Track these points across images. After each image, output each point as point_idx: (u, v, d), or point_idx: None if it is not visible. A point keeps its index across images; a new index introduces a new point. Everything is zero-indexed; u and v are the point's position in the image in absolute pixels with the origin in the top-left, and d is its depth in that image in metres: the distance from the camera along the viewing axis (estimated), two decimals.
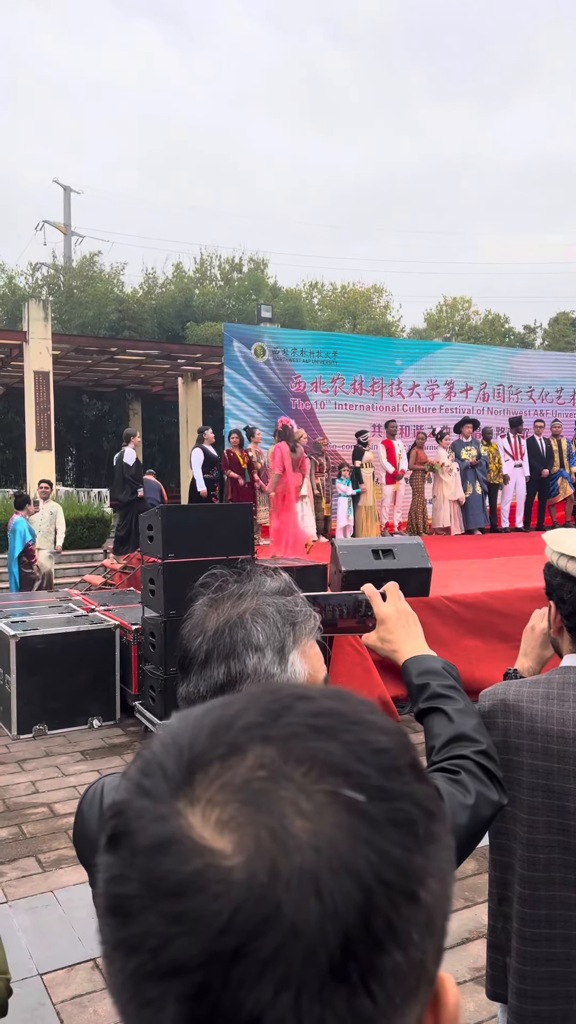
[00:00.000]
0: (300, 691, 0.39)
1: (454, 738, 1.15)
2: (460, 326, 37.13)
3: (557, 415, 15.20)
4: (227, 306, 27.34)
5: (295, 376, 13.95)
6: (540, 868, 1.31)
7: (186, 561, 5.06)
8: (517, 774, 1.33)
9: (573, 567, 1.29)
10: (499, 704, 1.37)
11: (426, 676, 1.23)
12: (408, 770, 0.37)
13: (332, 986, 0.31)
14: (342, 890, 0.31)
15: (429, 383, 15.12)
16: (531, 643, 1.57)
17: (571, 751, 1.29)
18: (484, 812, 1.08)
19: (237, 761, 0.35)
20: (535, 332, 36.98)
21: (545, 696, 1.33)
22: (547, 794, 1.31)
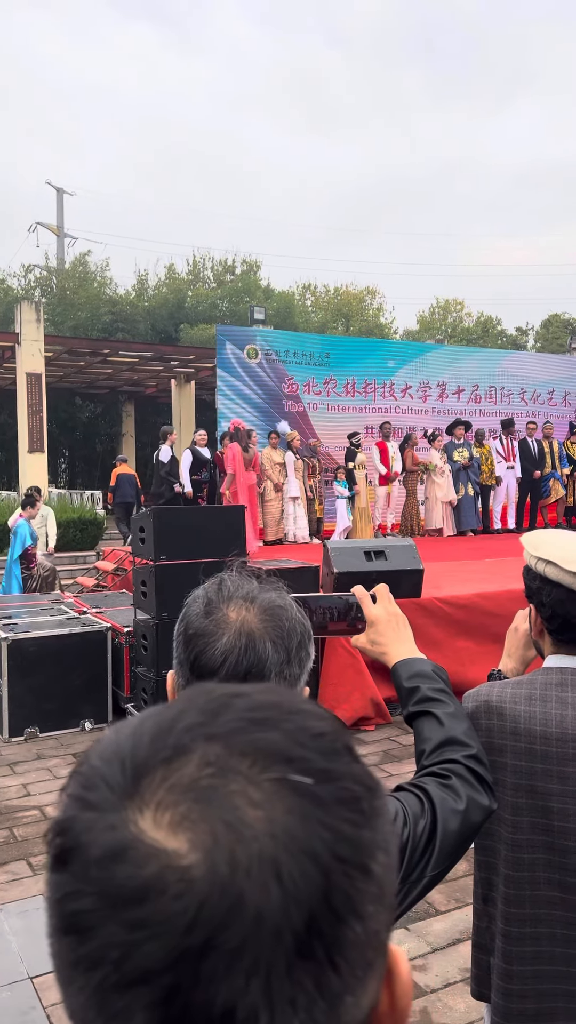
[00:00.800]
0: (234, 689, 0.40)
1: (444, 742, 1.15)
2: (453, 328, 37.22)
3: (549, 417, 15.25)
4: (220, 308, 27.35)
5: (288, 378, 13.96)
6: (524, 868, 1.32)
7: (178, 563, 5.06)
8: (501, 775, 1.34)
9: (552, 571, 1.30)
10: (482, 705, 1.38)
11: (416, 679, 1.23)
12: (345, 751, 0.38)
13: (300, 965, 0.32)
14: (301, 871, 0.32)
15: (421, 385, 15.15)
16: (514, 644, 1.58)
17: (553, 751, 1.30)
18: (475, 817, 1.08)
19: (183, 762, 0.35)
20: (527, 334, 37.09)
21: (528, 697, 1.34)
22: (530, 795, 1.32)
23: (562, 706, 1.31)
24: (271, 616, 1.04)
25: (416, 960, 2.75)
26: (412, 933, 2.91)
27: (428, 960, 2.74)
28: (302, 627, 1.07)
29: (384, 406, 14.64)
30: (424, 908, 3.08)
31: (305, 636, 1.06)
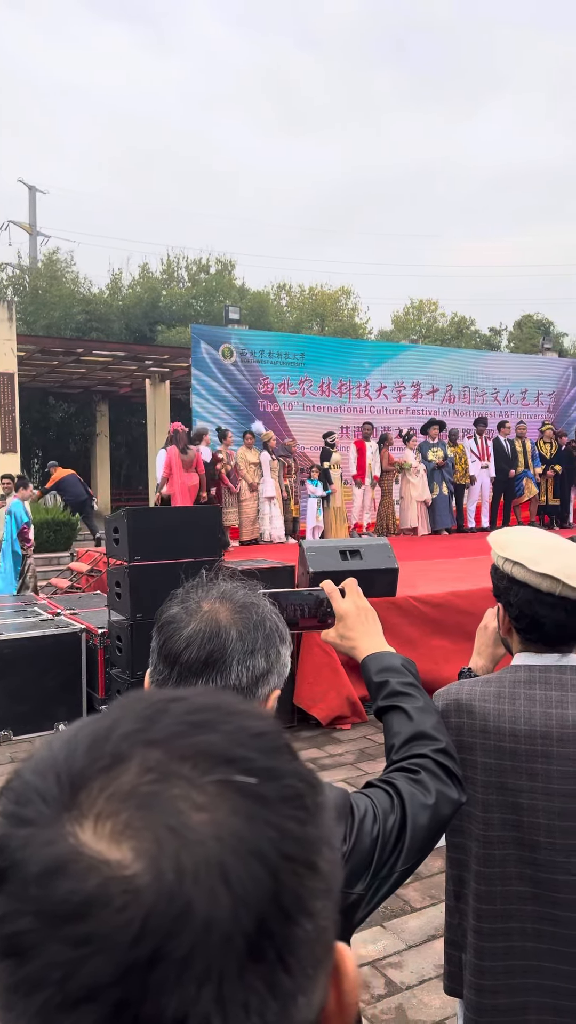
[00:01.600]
0: (170, 694, 0.39)
1: (414, 736, 1.16)
2: (427, 328, 37.43)
3: (522, 416, 15.40)
4: (194, 307, 27.26)
5: (263, 378, 13.95)
6: (495, 864, 1.33)
7: (153, 564, 5.03)
8: (471, 772, 1.35)
9: (519, 572, 1.31)
10: (452, 704, 1.39)
11: (385, 673, 1.24)
12: (286, 749, 0.38)
13: (251, 968, 0.31)
14: (249, 872, 0.32)
15: (396, 385, 15.22)
16: (484, 642, 1.60)
17: (522, 748, 1.31)
18: (444, 811, 1.09)
19: (122, 770, 0.34)
20: (501, 334, 37.41)
21: (497, 695, 1.35)
22: (501, 791, 1.33)
23: (530, 703, 1.32)
24: (242, 609, 1.05)
25: (391, 957, 2.76)
26: (388, 931, 2.93)
27: (404, 957, 2.76)
28: (274, 625, 1.07)
29: (359, 406, 14.69)
30: (399, 906, 3.10)
31: (276, 634, 1.07)
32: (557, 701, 1.31)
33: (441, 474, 12.37)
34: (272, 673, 1.05)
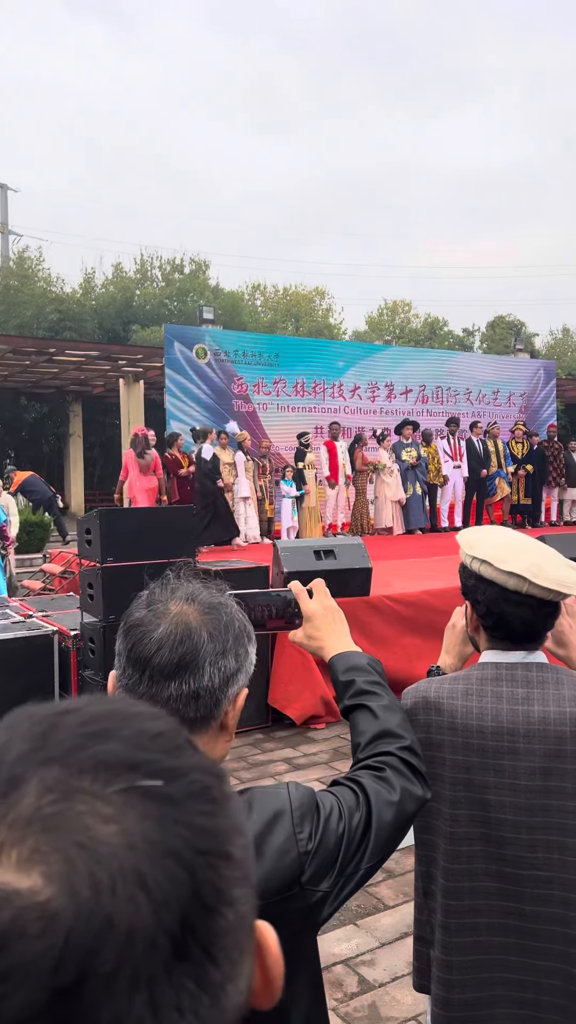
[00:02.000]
0: (61, 707, 0.38)
1: (379, 734, 1.17)
2: (400, 329, 37.63)
3: (494, 416, 15.55)
4: (168, 307, 27.16)
5: (237, 378, 13.94)
6: (463, 861, 1.34)
7: (125, 565, 5.00)
8: (439, 770, 1.36)
9: (487, 570, 1.33)
10: (421, 701, 1.40)
11: (352, 672, 1.25)
12: (187, 745, 0.38)
13: (179, 968, 0.31)
14: (167, 874, 0.32)
15: (370, 385, 15.29)
16: (452, 640, 1.61)
17: (489, 745, 1.33)
18: (409, 808, 1.10)
19: (20, 794, 0.33)
20: (474, 335, 37.73)
21: (464, 692, 1.36)
22: (468, 788, 1.34)
23: (497, 700, 1.34)
24: (211, 610, 1.05)
25: (364, 955, 2.77)
26: (361, 929, 2.94)
27: (376, 955, 2.77)
28: (242, 625, 1.08)
29: (333, 406, 14.73)
30: (373, 904, 3.11)
31: (243, 633, 1.07)
32: (523, 698, 1.33)
33: (415, 474, 12.44)
34: (241, 672, 1.05)
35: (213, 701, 1.01)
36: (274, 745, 5.06)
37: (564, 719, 1.30)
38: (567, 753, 1.29)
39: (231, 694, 1.03)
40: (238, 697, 1.04)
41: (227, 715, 1.03)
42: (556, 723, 1.30)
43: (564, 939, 1.29)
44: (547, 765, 1.30)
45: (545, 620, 1.34)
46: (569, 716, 1.30)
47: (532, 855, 1.30)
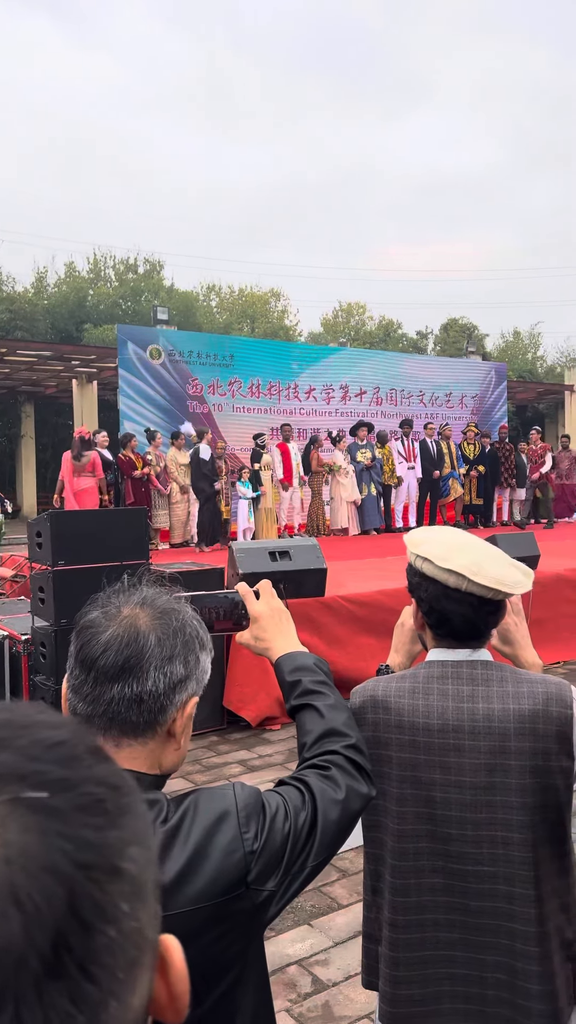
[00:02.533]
0: None
1: (325, 733, 1.17)
2: (356, 331, 37.91)
3: (446, 418, 15.76)
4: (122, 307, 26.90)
5: (192, 379, 13.87)
6: (410, 858, 1.36)
7: (77, 568, 4.93)
8: (387, 767, 1.37)
9: (428, 568, 1.34)
10: (368, 700, 1.41)
11: (298, 673, 1.25)
12: (88, 755, 0.37)
13: (51, 986, 0.30)
14: (42, 889, 0.31)
15: (325, 387, 15.36)
16: (401, 639, 1.62)
17: (435, 742, 1.34)
18: (354, 806, 1.10)
19: None
20: (427, 338, 38.19)
21: (411, 690, 1.38)
22: (415, 785, 1.35)
23: (443, 698, 1.35)
24: (162, 615, 1.05)
25: (318, 955, 2.77)
26: (315, 929, 2.94)
27: (330, 955, 2.78)
28: (194, 632, 1.07)
29: (289, 407, 14.77)
30: (327, 903, 3.12)
31: (195, 640, 1.07)
32: (468, 695, 1.34)
33: (370, 475, 12.55)
34: (190, 680, 1.04)
35: (157, 707, 1.00)
36: (229, 747, 5.05)
37: (508, 716, 1.32)
38: (511, 750, 1.31)
39: (178, 701, 1.02)
40: (187, 704, 1.03)
41: (174, 722, 1.02)
42: (500, 720, 1.32)
43: (508, 933, 1.31)
44: (491, 762, 1.31)
45: (487, 618, 1.36)
46: (513, 713, 1.32)
47: (477, 851, 1.32)
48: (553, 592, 7.15)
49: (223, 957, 0.98)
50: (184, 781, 4.37)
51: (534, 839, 1.30)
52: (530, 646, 1.57)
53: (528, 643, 1.57)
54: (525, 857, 1.30)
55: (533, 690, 1.33)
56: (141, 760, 1.01)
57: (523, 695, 1.33)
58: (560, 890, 1.35)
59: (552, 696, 1.33)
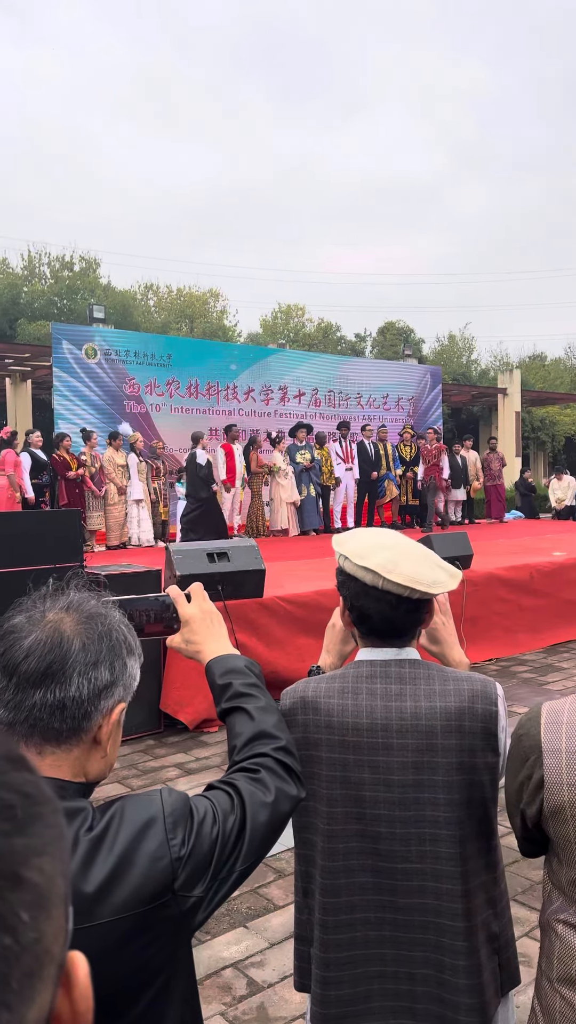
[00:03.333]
0: None
1: (254, 736, 1.17)
2: (295, 333, 38.06)
3: (383, 420, 15.97)
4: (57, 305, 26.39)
5: (129, 378, 13.70)
6: (340, 857, 1.36)
7: (7, 571, 4.81)
8: (317, 768, 1.37)
9: (348, 566, 1.36)
10: (299, 701, 1.41)
11: (229, 676, 1.25)
12: (3, 761, 0.37)
13: None
14: None
15: (264, 388, 15.38)
16: (332, 640, 1.63)
17: (364, 742, 1.35)
18: (284, 807, 1.10)
19: None
20: (365, 340, 38.62)
21: (341, 690, 1.38)
22: (344, 785, 1.36)
23: (372, 697, 1.36)
24: (88, 620, 1.04)
25: (254, 957, 2.77)
26: (250, 931, 2.94)
27: (266, 956, 2.77)
28: (122, 637, 1.06)
29: (228, 408, 14.73)
30: (263, 904, 3.12)
31: (122, 646, 1.05)
32: (396, 694, 1.36)
33: (309, 476, 12.62)
34: (117, 685, 1.03)
35: (81, 713, 0.99)
36: (166, 751, 5.00)
37: (435, 714, 1.33)
38: (437, 747, 1.33)
39: (103, 707, 1.01)
40: (113, 711, 1.02)
41: (100, 729, 1.01)
42: (427, 718, 1.33)
43: (436, 929, 1.33)
44: (419, 759, 1.33)
45: (405, 617, 1.36)
46: (440, 710, 1.34)
47: (406, 848, 1.33)
48: (486, 591, 7.32)
49: (149, 966, 0.97)
50: (120, 786, 4.31)
51: (461, 835, 1.32)
52: (457, 645, 1.60)
53: (455, 642, 1.60)
54: (452, 853, 1.32)
55: (459, 688, 1.36)
56: (65, 768, 0.99)
57: (449, 693, 1.35)
58: (487, 884, 1.38)
59: (478, 693, 1.36)
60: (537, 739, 1.22)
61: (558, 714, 1.22)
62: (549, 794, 1.19)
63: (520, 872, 3.29)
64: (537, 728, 1.23)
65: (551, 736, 1.20)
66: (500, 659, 7.16)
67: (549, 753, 1.19)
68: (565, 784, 1.17)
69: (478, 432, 25.92)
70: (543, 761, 1.20)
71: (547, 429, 27.96)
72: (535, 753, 1.21)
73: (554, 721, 1.21)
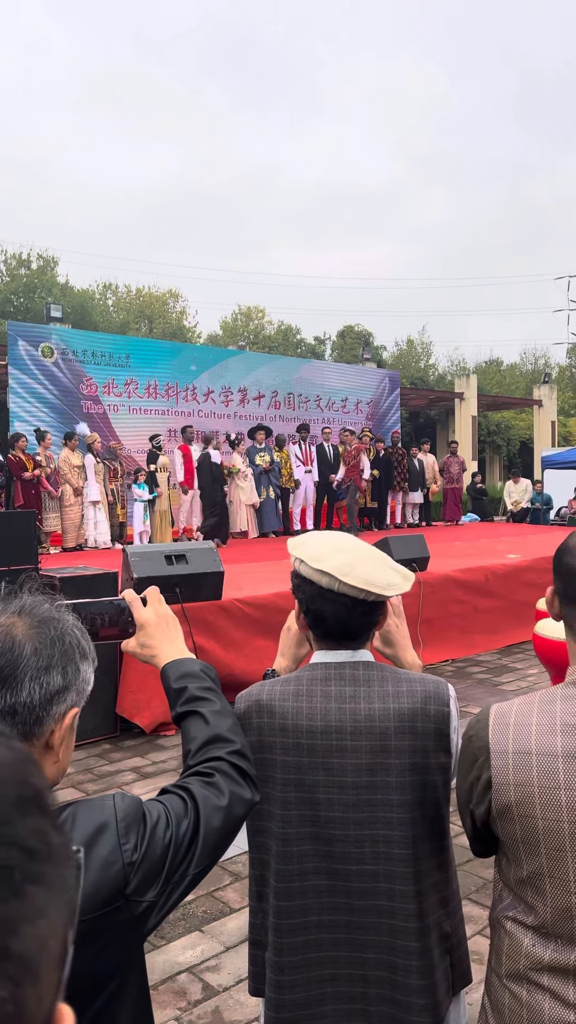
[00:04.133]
0: None
1: (209, 740, 1.17)
2: (255, 335, 38.05)
3: (342, 423, 16.06)
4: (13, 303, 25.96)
5: (86, 378, 13.55)
6: (294, 861, 1.36)
7: None
8: (271, 771, 1.37)
9: (304, 569, 1.36)
10: (253, 705, 1.41)
11: (184, 680, 1.24)
12: (14, 807, 0.35)
13: None
14: None
15: (224, 390, 15.35)
16: (287, 643, 1.64)
17: (318, 744, 1.35)
18: (237, 811, 1.10)
19: None
20: (325, 343, 38.82)
21: (295, 693, 1.39)
22: (299, 788, 1.36)
23: (326, 700, 1.37)
24: (41, 624, 1.03)
25: (209, 961, 2.75)
26: (206, 934, 2.92)
27: (221, 959, 2.76)
28: (75, 641, 1.05)
29: (187, 409, 14.67)
30: (219, 908, 3.10)
31: (75, 650, 1.04)
32: (350, 696, 1.37)
33: (268, 478, 12.62)
34: (70, 690, 1.02)
35: (33, 718, 0.98)
36: (122, 755, 4.95)
37: (388, 715, 1.35)
38: (391, 748, 1.34)
39: (56, 712, 1.00)
40: (66, 716, 1.01)
41: (52, 735, 1.00)
42: (381, 719, 1.34)
43: (390, 930, 1.34)
44: (372, 761, 1.34)
45: (360, 619, 1.37)
46: (393, 712, 1.35)
47: (359, 850, 1.34)
48: (442, 592, 7.41)
49: (102, 970, 0.96)
50: (75, 791, 4.25)
51: (414, 836, 1.33)
52: (410, 647, 1.62)
53: (408, 644, 1.61)
54: (405, 854, 1.33)
55: (412, 689, 1.37)
56: None
57: (403, 694, 1.36)
58: (439, 884, 1.39)
59: (430, 694, 1.37)
60: (485, 740, 1.24)
61: (505, 716, 1.24)
62: (497, 795, 1.21)
63: (473, 871, 3.33)
64: (485, 730, 1.25)
65: (498, 738, 1.22)
66: (456, 660, 7.25)
67: (496, 754, 1.21)
68: (512, 785, 1.19)
69: (435, 436, 26.24)
70: (491, 762, 1.22)
71: (503, 433, 28.44)
72: (483, 754, 1.23)
73: (501, 723, 1.23)
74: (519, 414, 28.64)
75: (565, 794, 1.15)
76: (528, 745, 1.19)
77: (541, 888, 1.18)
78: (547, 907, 1.18)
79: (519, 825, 1.19)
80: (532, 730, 1.20)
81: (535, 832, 1.17)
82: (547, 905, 1.18)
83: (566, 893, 1.16)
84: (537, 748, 1.18)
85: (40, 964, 0.34)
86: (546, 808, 1.16)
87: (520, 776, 1.18)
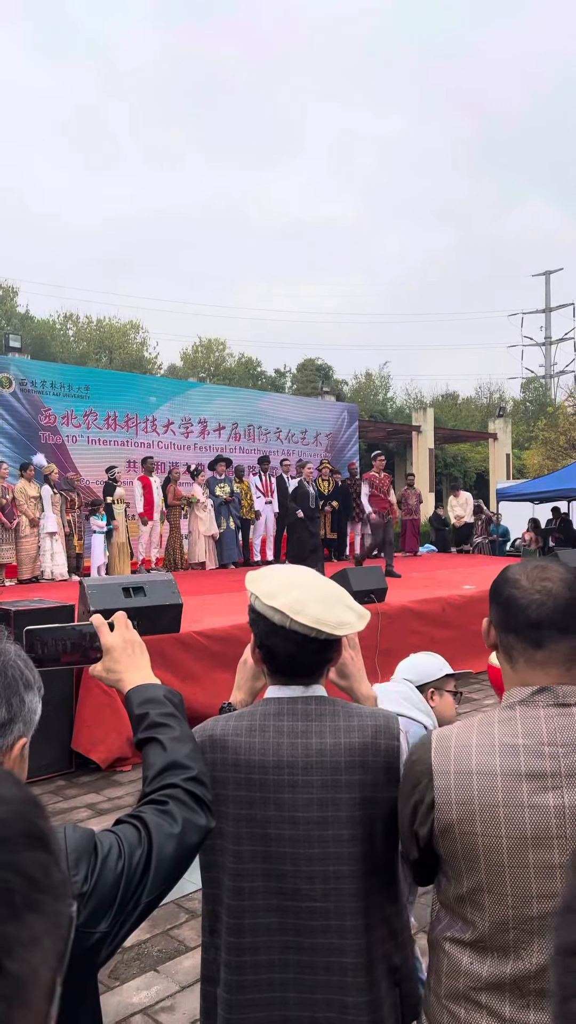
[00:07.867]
0: None
1: (166, 767, 1.17)
2: (216, 367, 38.23)
3: (301, 455, 16.19)
4: None
5: (45, 409, 13.46)
6: (246, 897, 1.36)
7: None
8: (224, 807, 1.38)
9: (258, 604, 1.38)
10: (207, 740, 1.42)
11: (146, 705, 1.25)
12: (21, 838, 0.36)
13: None
14: None
15: (184, 421, 15.37)
16: (243, 676, 1.65)
17: (270, 779, 1.37)
18: (192, 839, 1.11)
19: None
20: (285, 376, 39.16)
21: (248, 728, 1.40)
22: (251, 823, 1.37)
23: (278, 735, 1.38)
24: None
25: (164, 1001, 2.71)
26: (161, 974, 2.87)
27: (176, 999, 2.72)
28: (18, 672, 1.05)
29: (147, 440, 14.64)
30: (174, 947, 3.06)
31: (18, 681, 1.05)
32: (302, 731, 1.38)
33: (228, 509, 12.63)
34: (16, 722, 1.03)
35: None
36: (77, 791, 4.86)
37: (339, 750, 1.36)
38: (341, 783, 1.35)
39: (2, 745, 1.00)
40: (14, 747, 1.02)
41: (2, 766, 1.00)
42: (332, 754, 1.36)
43: (340, 969, 1.34)
44: (323, 796, 1.35)
45: (311, 657, 1.39)
46: (344, 746, 1.37)
47: (310, 887, 1.34)
48: (400, 623, 7.48)
49: None
50: None
51: (363, 870, 1.35)
52: (365, 679, 1.64)
53: (363, 676, 1.64)
54: (355, 889, 1.34)
55: (363, 723, 1.40)
56: None
57: (353, 729, 1.39)
58: (389, 917, 1.40)
59: (381, 729, 1.40)
60: (428, 763, 1.28)
61: (447, 739, 1.29)
62: (439, 814, 1.25)
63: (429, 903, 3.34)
64: (428, 753, 1.29)
65: (440, 759, 1.27)
66: None
67: (439, 775, 1.25)
68: (454, 803, 1.23)
69: (393, 468, 26.55)
70: (434, 783, 1.26)
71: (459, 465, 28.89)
72: (426, 777, 1.27)
73: (443, 746, 1.28)
74: (475, 447, 29.16)
75: (503, 811, 1.19)
76: (469, 765, 1.24)
77: (479, 903, 1.22)
78: (485, 921, 1.21)
79: (460, 842, 1.23)
80: (472, 751, 1.25)
81: (475, 848, 1.21)
82: (485, 919, 1.21)
83: (503, 907, 1.20)
84: (477, 768, 1.23)
85: (31, 990, 0.34)
86: (486, 825, 1.20)
87: (461, 795, 1.23)
